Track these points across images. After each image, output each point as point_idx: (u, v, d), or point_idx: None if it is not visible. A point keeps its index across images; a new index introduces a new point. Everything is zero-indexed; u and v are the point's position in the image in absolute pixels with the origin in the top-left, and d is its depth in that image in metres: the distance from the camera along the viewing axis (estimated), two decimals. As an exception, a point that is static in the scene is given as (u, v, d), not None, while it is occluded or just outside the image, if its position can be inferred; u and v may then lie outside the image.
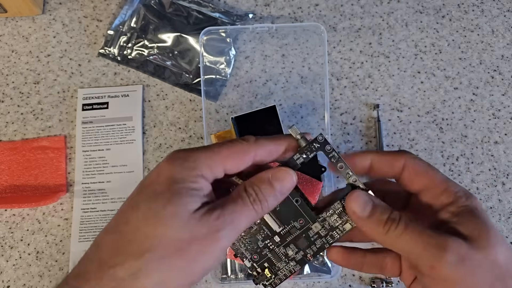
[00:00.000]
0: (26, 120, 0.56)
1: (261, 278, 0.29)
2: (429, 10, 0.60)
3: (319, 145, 0.28)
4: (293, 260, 0.29)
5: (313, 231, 0.29)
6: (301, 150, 0.28)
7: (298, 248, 0.29)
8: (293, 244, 0.29)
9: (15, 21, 0.59)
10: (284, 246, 0.29)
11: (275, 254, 0.29)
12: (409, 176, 0.28)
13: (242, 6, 0.60)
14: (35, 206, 0.52)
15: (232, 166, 0.27)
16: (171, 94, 0.57)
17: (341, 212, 0.28)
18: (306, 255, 0.29)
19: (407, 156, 0.28)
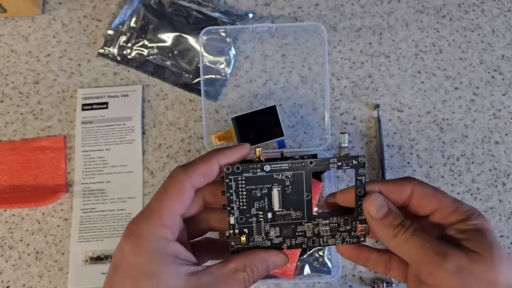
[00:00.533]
0: (25, 120, 0.56)
1: (234, 239, 0.29)
2: (430, 10, 0.59)
3: (357, 163, 0.29)
4: (270, 240, 0.29)
5: (301, 228, 0.30)
6: (341, 158, 0.29)
7: (281, 233, 0.29)
8: (278, 227, 0.29)
9: (14, 21, 0.59)
10: (270, 225, 0.29)
11: (259, 227, 0.29)
12: (418, 202, 0.29)
13: (242, 6, 0.60)
14: (35, 206, 0.52)
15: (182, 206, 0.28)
16: (171, 94, 0.57)
17: (334, 228, 0.30)
18: (282, 243, 0.30)
19: (414, 183, 0.29)
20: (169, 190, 0.28)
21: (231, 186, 0.28)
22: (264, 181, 0.29)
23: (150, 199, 0.28)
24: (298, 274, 0.50)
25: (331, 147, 0.55)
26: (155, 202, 0.28)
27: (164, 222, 0.27)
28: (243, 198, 0.29)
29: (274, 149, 0.54)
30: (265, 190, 0.29)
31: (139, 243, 0.25)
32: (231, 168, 0.28)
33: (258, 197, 0.29)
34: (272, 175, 0.29)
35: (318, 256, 0.50)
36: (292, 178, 0.29)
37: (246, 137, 0.50)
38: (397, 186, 0.29)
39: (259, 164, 0.28)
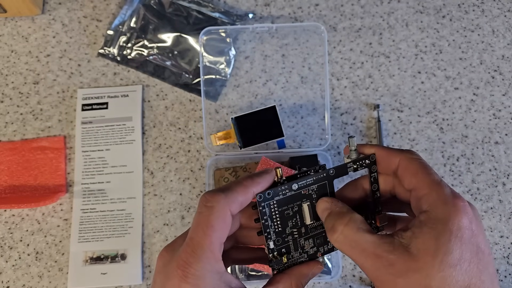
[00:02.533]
0: (25, 120, 0.56)
1: (277, 262, 0.30)
2: (430, 10, 0.59)
3: (369, 162, 0.31)
4: (306, 253, 0.30)
5: None
6: (354, 161, 0.30)
7: (315, 243, 0.31)
8: (312, 239, 0.31)
9: (14, 21, 0.59)
10: (305, 238, 0.30)
11: (295, 243, 0.30)
12: (401, 176, 0.28)
13: (242, 6, 0.60)
14: (35, 207, 0.52)
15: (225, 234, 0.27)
16: (170, 94, 0.57)
17: None
18: (317, 252, 0.31)
19: (404, 155, 0.29)
20: (213, 220, 0.26)
21: (265, 212, 0.29)
22: (294, 199, 0.29)
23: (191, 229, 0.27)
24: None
25: (331, 147, 0.55)
26: (200, 234, 0.26)
27: (217, 256, 0.26)
28: (277, 221, 0.29)
29: (274, 149, 0.54)
30: (296, 208, 0.30)
31: (199, 285, 0.25)
32: (263, 195, 0.28)
33: (290, 216, 0.30)
34: (300, 191, 0.30)
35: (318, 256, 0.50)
36: (318, 189, 0.30)
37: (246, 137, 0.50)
38: (387, 154, 0.29)
39: (287, 185, 0.29)
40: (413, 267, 0.23)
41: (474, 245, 0.24)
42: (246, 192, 0.28)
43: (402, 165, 0.28)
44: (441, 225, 0.24)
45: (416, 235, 0.24)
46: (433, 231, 0.24)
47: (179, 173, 0.54)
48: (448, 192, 0.25)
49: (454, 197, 0.25)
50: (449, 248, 0.23)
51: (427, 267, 0.23)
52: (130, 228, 0.52)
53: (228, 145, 0.55)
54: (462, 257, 0.23)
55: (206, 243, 0.26)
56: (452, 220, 0.24)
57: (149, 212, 0.53)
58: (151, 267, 0.51)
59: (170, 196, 0.54)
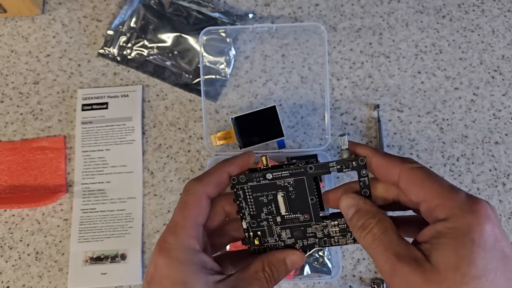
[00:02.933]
0: (25, 121, 0.56)
1: (249, 242, 0.31)
2: (430, 10, 0.59)
3: (357, 165, 0.28)
4: (283, 242, 0.31)
5: (311, 229, 0.30)
6: (340, 161, 0.29)
7: (292, 235, 0.31)
8: (289, 230, 0.31)
9: (14, 21, 0.59)
10: (281, 227, 0.31)
11: (270, 229, 0.31)
12: (404, 188, 0.26)
13: (242, 6, 0.60)
14: (35, 207, 0.52)
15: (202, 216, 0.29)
16: (170, 94, 0.57)
17: (344, 228, 0.30)
18: (295, 244, 0.31)
19: (404, 167, 0.26)
20: (188, 202, 0.29)
21: (239, 194, 0.30)
22: (268, 188, 0.30)
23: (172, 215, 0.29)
24: (298, 274, 0.50)
25: (331, 147, 0.55)
26: (177, 215, 0.29)
27: (189, 233, 0.28)
28: (252, 205, 0.30)
29: (274, 149, 0.54)
30: (271, 197, 0.30)
31: (170, 256, 0.27)
32: (237, 178, 0.30)
33: (265, 203, 0.30)
34: (275, 182, 0.30)
35: (318, 256, 0.50)
36: (294, 184, 0.30)
37: (246, 137, 0.50)
38: (386, 164, 0.27)
39: (261, 173, 0.29)
40: (434, 280, 0.22)
41: (499, 251, 0.22)
42: (220, 172, 0.30)
43: (404, 178, 0.26)
44: (462, 235, 0.22)
45: (435, 247, 0.23)
46: (453, 242, 0.23)
47: (179, 173, 0.54)
48: (463, 197, 0.24)
49: (472, 201, 0.23)
50: (472, 259, 0.22)
51: (449, 281, 0.22)
52: (130, 228, 0.52)
53: (228, 145, 0.55)
54: (487, 267, 0.22)
55: (181, 221, 0.28)
56: (473, 229, 0.22)
57: (149, 212, 0.53)
58: (151, 267, 0.51)
59: (170, 196, 0.53)
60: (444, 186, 0.25)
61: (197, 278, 0.26)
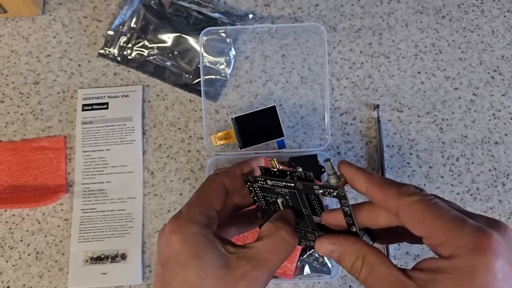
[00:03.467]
0: (26, 121, 0.56)
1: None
2: (429, 10, 0.60)
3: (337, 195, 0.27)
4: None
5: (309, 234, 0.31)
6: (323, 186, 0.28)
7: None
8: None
9: (15, 21, 0.59)
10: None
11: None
12: (405, 221, 0.24)
13: (242, 6, 0.60)
14: (35, 207, 0.52)
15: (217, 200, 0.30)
16: (171, 94, 0.57)
17: None
18: (300, 243, 0.32)
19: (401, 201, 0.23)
20: (205, 186, 0.31)
21: (251, 190, 0.32)
22: (271, 191, 0.31)
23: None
24: (298, 274, 0.50)
25: (330, 148, 0.55)
26: (193, 197, 0.30)
27: (202, 210, 0.28)
28: (262, 200, 0.32)
29: (274, 149, 0.54)
30: (274, 199, 0.32)
31: (181, 231, 0.27)
32: (247, 177, 0.32)
33: (271, 202, 0.32)
34: (274, 188, 0.31)
35: (318, 256, 0.50)
36: (289, 194, 0.31)
37: (246, 137, 0.50)
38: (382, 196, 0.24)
39: (263, 178, 0.31)
40: None
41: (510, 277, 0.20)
42: (236, 167, 0.32)
43: (403, 213, 0.23)
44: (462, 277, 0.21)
45: (431, 282, 0.22)
46: (451, 283, 0.21)
47: (179, 173, 0.54)
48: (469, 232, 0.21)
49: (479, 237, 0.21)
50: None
51: None
52: (131, 228, 0.52)
53: (228, 145, 0.55)
54: None
55: (194, 200, 0.29)
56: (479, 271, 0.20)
57: (150, 212, 0.53)
58: (151, 267, 0.52)
59: (170, 196, 0.54)
60: (447, 222, 0.22)
61: (209, 251, 0.26)
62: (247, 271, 0.25)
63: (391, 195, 0.24)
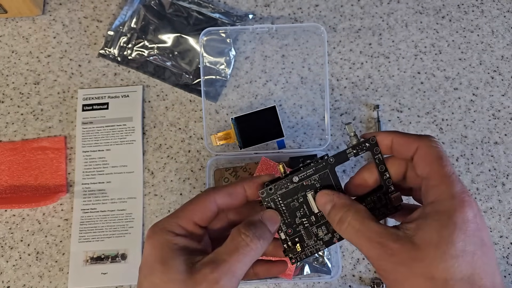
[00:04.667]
0: (26, 121, 0.56)
1: (291, 251, 0.32)
2: (429, 10, 0.60)
3: (369, 145, 0.31)
4: (321, 240, 0.32)
5: None
6: (354, 146, 0.31)
7: (328, 230, 0.31)
8: (324, 226, 0.32)
9: (15, 21, 0.59)
10: (317, 226, 0.32)
11: (308, 232, 0.32)
12: (416, 160, 0.28)
13: (242, 6, 0.60)
14: (35, 207, 0.52)
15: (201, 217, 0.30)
16: (171, 94, 0.57)
17: (372, 207, 0.32)
18: (333, 238, 0.32)
19: (423, 143, 0.28)
20: (194, 200, 0.31)
21: (271, 206, 0.31)
22: (297, 191, 0.31)
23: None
24: (298, 274, 0.50)
25: (330, 148, 0.55)
26: (179, 208, 0.31)
27: (179, 222, 0.30)
28: (285, 212, 0.31)
29: (274, 149, 0.54)
30: (301, 199, 0.31)
31: (154, 237, 0.29)
32: (265, 191, 0.31)
33: (297, 207, 0.31)
34: (302, 183, 0.31)
35: (318, 256, 0.50)
36: (320, 179, 0.31)
37: (246, 137, 0.50)
38: (406, 142, 0.29)
39: (287, 179, 0.31)
40: (416, 257, 0.24)
41: (479, 238, 0.24)
42: (235, 185, 0.32)
43: (419, 152, 0.28)
44: (446, 218, 0.25)
45: (420, 227, 0.25)
46: (437, 223, 0.25)
47: (179, 173, 0.54)
48: (457, 187, 0.26)
49: (462, 193, 0.25)
50: (452, 240, 0.24)
51: (430, 257, 0.24)
52: (131, 228, 0.52)
53: (228, 145, 0.55)
54: (466, 249, 0.24)
55: (178, 211, 0.30)
56: (457, 213, 0.25)
57: (150, 212, 0.53)
58: (152, 267, 0.52)
59: (170, 196, 0.54)
60: (446, 172, 0.26)
61: (175, 257, 0.28)
62: (207, 273, 0.26)
63: (413, 138, 0.29)
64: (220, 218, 0.33)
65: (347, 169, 0.54)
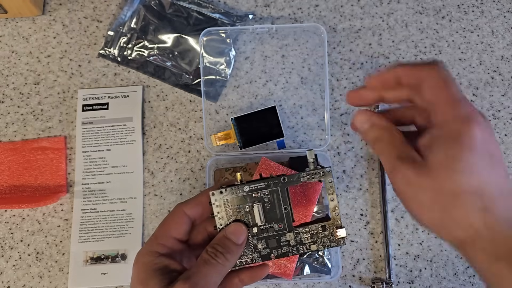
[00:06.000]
0: (26, 121, 0.56)
1: None
2: (429, 10, 0.60)
3: (323, 173, 0.33)
4: (258, 253, 0.33)
5: (285, 238, 0.33)
6: (309, 172, 0.33)
7: (267, 245, 0.33)
8: (264, 240, 0.33)
9: (15, 21, 0.59)
10: (257, 238, 0.33)
11: (248, 242, 0.33)
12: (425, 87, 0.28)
13: (242, 6, 0.60)
14: (35, 207, 0.52)
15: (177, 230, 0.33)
16: (171, 94, 0.57)
17: (314, 234, 0.33)
18: (270, 254, 0.33)
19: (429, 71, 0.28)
20: (166, 217, 0.34)
21: (218, 206, 0.33)
22: (245, 200, 0.33)
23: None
24: (298, 274, 0.50)
25: (330, 148, 0.55)
26: (156, 229, 0.34)
27: (158, 241, 0.32)
28: (230, 217, 0.33)
29: (274, 149, 0.54)
30: (248, 208, 0.33)
31: (138, 260, 0.32)
32: (215, 192, 0.33)
33: (242, 215, 0.33)
34: (251, 194, 0.33)
35: (318, 256, 0.50)
36: (269, 194, 0.33)
37: (246, 137, 0.50)
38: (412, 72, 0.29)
39: (238, 187, 0.33)
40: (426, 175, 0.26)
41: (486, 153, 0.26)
42: (201, 194, 0.34)
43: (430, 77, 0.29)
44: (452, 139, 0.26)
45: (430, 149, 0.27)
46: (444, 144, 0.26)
47: (179, 174, 0.54)
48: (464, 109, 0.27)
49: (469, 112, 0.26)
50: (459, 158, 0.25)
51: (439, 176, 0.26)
52: (131, 228, 0.52)
53: (228, 145, 0.55)
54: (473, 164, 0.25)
55: (155, 231, 0.33)
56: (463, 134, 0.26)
57: (150, 212, 0.53)
58: (152, 267, 0.52)
59: (170, 196, 0.54)
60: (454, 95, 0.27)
61: (154, 276, 0.30)
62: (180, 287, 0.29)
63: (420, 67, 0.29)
64: (199, 231, 0.35)
65: (347, 169, 0.54)
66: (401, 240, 0.52)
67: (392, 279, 0.50)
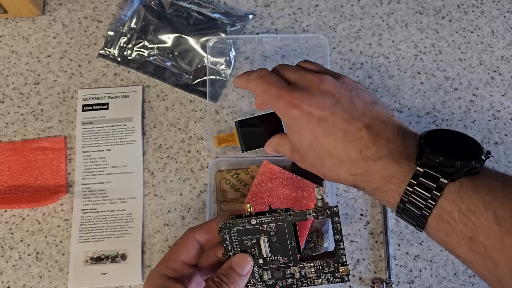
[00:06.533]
0: (26, 121, 0.56)
1: None
2: (429, 10, 0.60)
3: (331, 213, 0.34)
4: (264, 282, 0.34)
5: (290, 271, 0.34)
6: (316, 209, 0.34)
7: (273, 276, 0.35)
8: (270, 271, 0.34)
9: (15, 21, 0.59)
10: (263, 269, 0.35)
11: (253, 271, 0.34)
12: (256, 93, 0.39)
13: (242, 7, 0.60)
14: (35, 207, 0.52)
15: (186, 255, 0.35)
16: (171, 95, 0.57)
17: (319, 269, 0.34)
18: (275, 285, 0.34)
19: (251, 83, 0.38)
20: (177, 242, 0.36)
21: (226, 238, 0.34)
22: (252, 232, 0.34)
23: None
24: None
25: (331, 148, 0.55)
26: (166, 252, 0.35)
27: (168, 264, 0.34)
28: (237, 247, 0.34)
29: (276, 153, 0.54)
30: (254, 240, 0.34)
31: (148, 282, 0.34)
32: (225, 223, 0.34)
33: (249, 246, 0.34)
34: (258, 227, 0.34)
35: None
36: (276, 229, 0.34)
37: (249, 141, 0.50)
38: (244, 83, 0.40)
39: (246, 219, 0.34)
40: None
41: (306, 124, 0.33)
42: (210, 221, 0.36)
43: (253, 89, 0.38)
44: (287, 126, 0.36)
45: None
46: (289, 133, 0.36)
47: (179, 174, 0.54)
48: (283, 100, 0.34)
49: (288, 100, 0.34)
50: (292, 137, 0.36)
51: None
52: (131, 228, 0.52)
53: (229, 147, 0.55)
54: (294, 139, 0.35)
55: (166, 255, 0.35)
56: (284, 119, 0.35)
57: (150, 212, 0.53)
58: (152, 267, 0.52)
59: (170, 197, 0.54)
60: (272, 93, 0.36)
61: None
62: None
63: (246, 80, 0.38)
64: (209, 256, 0.36)
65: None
66: (401, 240, 0.52)
67: (392, 279, 0.50)
